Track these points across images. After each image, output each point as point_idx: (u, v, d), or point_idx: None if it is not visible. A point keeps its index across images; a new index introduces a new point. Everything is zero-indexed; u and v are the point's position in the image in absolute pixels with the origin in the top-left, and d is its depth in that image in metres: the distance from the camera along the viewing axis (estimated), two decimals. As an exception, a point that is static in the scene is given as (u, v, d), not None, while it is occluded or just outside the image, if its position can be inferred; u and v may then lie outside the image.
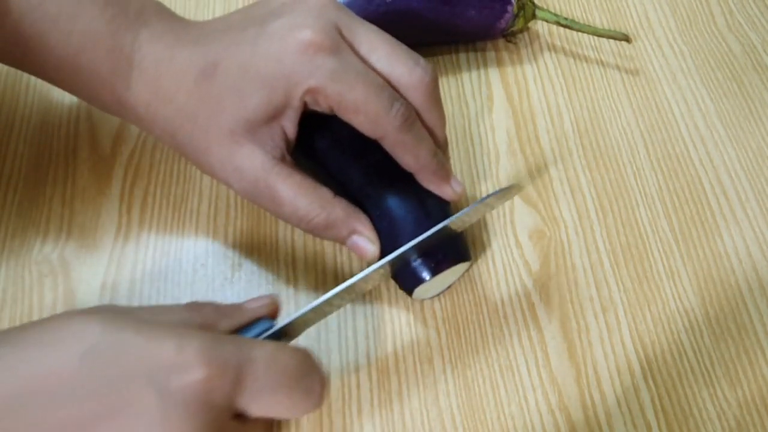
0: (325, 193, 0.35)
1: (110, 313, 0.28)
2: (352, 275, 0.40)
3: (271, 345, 0.29)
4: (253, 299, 0.33)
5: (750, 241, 0.42)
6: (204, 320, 0.30)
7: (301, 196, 0.34)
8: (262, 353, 0.28)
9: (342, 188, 0.37)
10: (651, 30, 0.51)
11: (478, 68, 0.49)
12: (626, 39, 0.47)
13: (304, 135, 0.37)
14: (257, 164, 0.34)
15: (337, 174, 0.38)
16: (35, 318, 0.38)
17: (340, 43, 0.34)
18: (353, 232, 0.36)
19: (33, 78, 0.47)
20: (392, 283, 0.40)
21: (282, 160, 0.35)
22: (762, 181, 0.44)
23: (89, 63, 0.35)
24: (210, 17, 0.47)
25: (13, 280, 0.39)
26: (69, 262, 0.40)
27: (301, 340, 0.38)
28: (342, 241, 0.36)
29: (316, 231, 0.36)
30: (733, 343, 0.39)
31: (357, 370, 0.38)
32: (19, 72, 0.47)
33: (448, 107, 0.47)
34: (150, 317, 0.29)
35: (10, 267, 0.40)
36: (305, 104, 0.34)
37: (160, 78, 0.35)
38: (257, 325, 0.31)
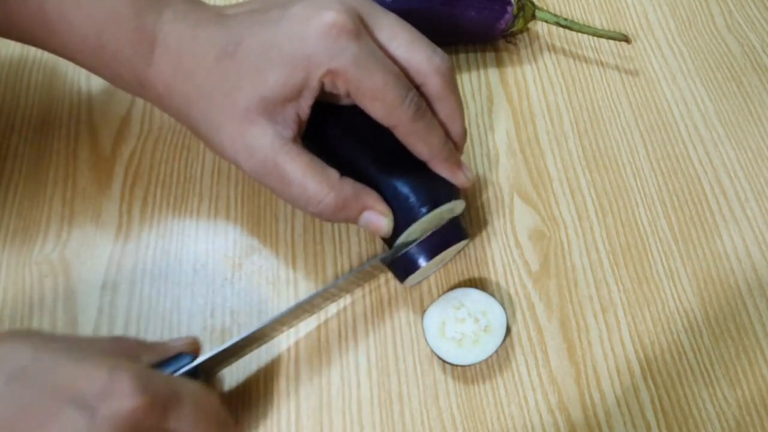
0: (334, 173, 0.35)
1: (39, 337, 0.29)
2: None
3: (195, 385, 0.30)
4: (176, 339, 0.34)
5: (749, 241, 0.42)
6: (128, 352, 0.31)
7: (309, 176, 0.34)
8: (189, 391, 0.30)
9: (352, 174, 0.37)
10: (650, 30, 0.51)
11: (477, 69, 0.49)
12: (626, 39, 0.47)
13: (315, 121, 0.37)
14: (267, 143, 0.34)
15: (348, 160, 0.38)
16: (35, 318, 0.38)
17: (362, 28, 0.34)
18: (364, 208, 0.36)
19: (34, 78, 0.47)
20: (392, 282, 0.40)
21: (293, 141, 0.35)
22: (761, 181, 0.44)
23: (112, 42, 0.35)
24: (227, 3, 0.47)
25: (14, 280, 0.39)
26: (69, 262, 0.40)
27: (301, 341, 0.38)
28: (354, 221, 0.36)
29: (326, 212, 0.35)
30: (732, 344, 0.39)
31: (357, 370, 0.38)
32: (20, 72, 0.47)
33: (448, 107, 0.47)
34: (77, 345, 0.30)
35: (10, 267, 0.40)
36: (322, 86, 0.34)
37: (181, 56, 0.35)
38: (178, 359, 0.32)
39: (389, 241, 0.37)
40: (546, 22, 0.48)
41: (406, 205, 0.36)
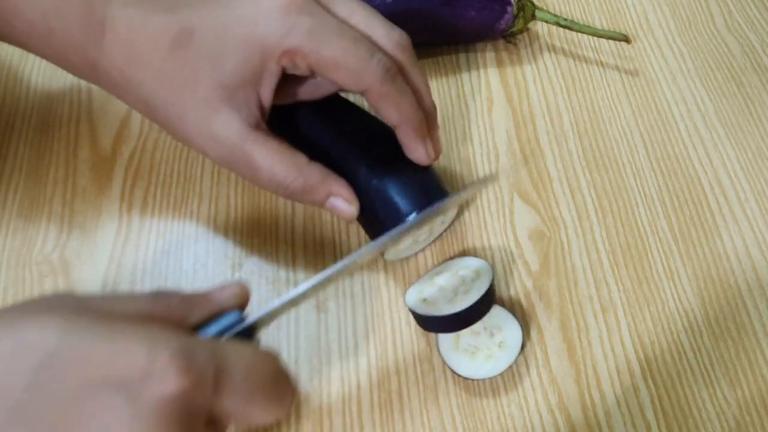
0: (301, 158, 0.35)
1: (68, 310, 0.26)
2: (352, 276, 0.40)
3: (248, 351, 0.27)
4: (221, 287, 0.30)
5: (749, 241, 0.42)
6: (171, 312, 0.28)
7: (277, 162, 0.34)
8: (239, 360, 0.26)
9: (319, 158, 0.37)
10: (650, 31, 0.51)
11: (478, 69, 0.49)
12: (626, 40, 0.47)
13: (284, 115, 0.37)
14: (234, 132, 0.34)
15: (318, 150, 0.38)
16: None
17: (315, 4, 0.34)
18: (330, 194, 0.36)
19: (34, 78, 0.47)
20: (393, 283, 0.40)
21: (257, 127, 0.35)
22: (761, 181, 0.44)
23: (60, 26, 0.35)
24: None
25: (14, 280, 0.39)
26: (69, 262, 0.40)
27: (301, 341, 0.38)
28: (320, 204, 0.36)
29: (294, 196, 0.36)
30: (732, 344, 0.39)
31: (357, 370, 0.38)
32: (20, 72, 0.47)
33: (448, 107, 0.47)
34: (113, 308, 0.27)
35: (10, 267, 0.40)
36: (283, 69, 0.34)
37: (133, 43, 0.34)
38: (226, 316, 0.29)
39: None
40: (546, 22, 0.48)
41: (376, 199, 0.36)
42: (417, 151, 0.37)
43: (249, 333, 0.30)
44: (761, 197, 0.44)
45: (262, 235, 0.42)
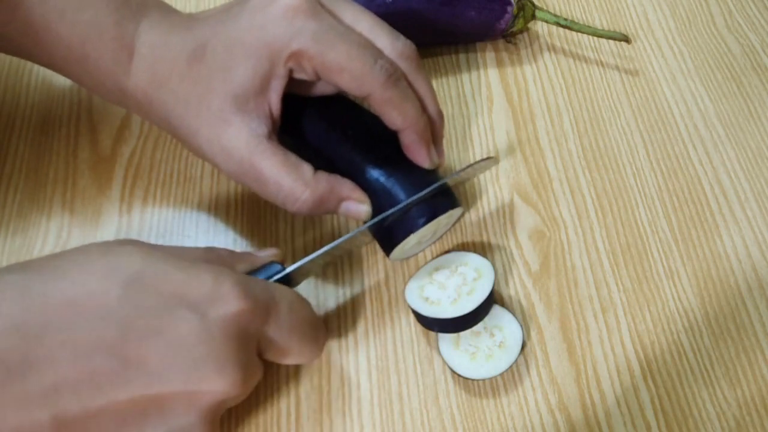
0: (307, 169, 0.35)
1: (146, 246, 0.31)
2: (352, 274, 0.40)
3: (290, 291, 0.32)
4: (261, 251, 0.36)
5: (749, 241, 0.42)
6: (221, 262, 0.32)
7: (284, 174, 0.35)
8: (284, 297, 0.31)
9: (328, 165, 0.37)
10: (650, 31, 0.51)
11: (478, 69, 0.49)
12: (626, 40, 0.47)
13: (290, 115, 0.37)
14: (242, 143, 0.34)
15: (323, 150, 0.38)
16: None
17: (319, 7, 0.34)
18: (342, 199, 0.36)
19: (34, 78, 0.47)
20: (392, 282, 0.40)
21: (268, 138, 0.35)
22: (761, 181, 0.44)
23: (94, 52, 0.36)
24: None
25: (14, 280, 0.39)
26: (69, 262, 0.40)
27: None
28: (335, 212, 0.36)
29: (304, 209, 0.35)
30: (732, 344, 0.39)
31: (357, 370, 0.38)
32: (20, 72, 0.47)
33: (448, 107, 0.47)
34: (177, 252, 0.31)
35: (10, 267, 0.40)
36: (290, 72, 0.35)
37: (155, 63, 0.35)
38: (269, 268, 0.34)
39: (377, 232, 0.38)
40: (546, 22, 0.48)
41: (382, 200, 0.36)
42: (420, 156, 0.37)
43: (287, 283, 0.34)
44: (761, 197, 0.44)
45: (262, 235, 0.42)
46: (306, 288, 0.40)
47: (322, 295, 0.40)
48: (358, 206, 0.36)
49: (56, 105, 0.46)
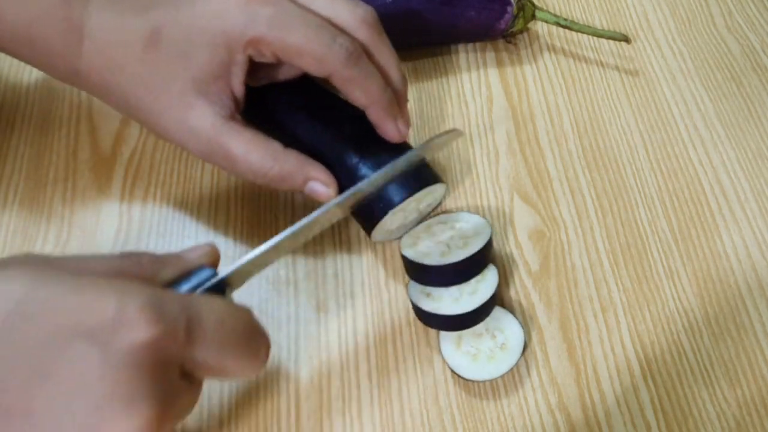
0: (276, 145, 0.36)
1: (35, 266, 0.26)
2: (352, 274, 0.40)
3: (219, 303, 0.27)
4: (192, 248, 0.31)
5: (749, 241, 0.42)
6: (141, 270, 0.28)
7: (253, 151, 0.35)
8: (211, 312, 0.27)
9: (298, 147, 0.37)
10: (650, 31, 0.51)
11: (478, 69, 0.49)
12: (626, 40, 0.47)
13: (255, 99, 0.37)
14: (208, 124, 0.35)
15: (291, 132, 0.39)
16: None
17: None
18: (308, 179, 0.36)
19: (34, 78, 0.47)
20: (392, 282, 0.40)
21: (232, 118, 0.35)
22: (761, 181, 0.44)
23: (42, 33, 0.35)
24: None
25: (14, 280, 0.39)
26: (69, 262, 0.40)
27: (301, 341, 0.38)
28: (299, 189, 0.37)
29: (273, 183, 0.36)
30: (732, 344, 0.39)
31: (357, 370, 0.38)
32: (20, 73, 0.47)
33: (448, 107, 0.47)
34: (81, 266, 0.27)
35: (10, 267, 0.40)
36: (250, 58, 0.35)
37: (109, 46, 0.35)
38: (198, 273, 0.29)
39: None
40: (546, 22, 0.48)
41: (351, 178, 0.36)
42: (388, 130, 0.37)
43: (221, 290, 0.30)
44: (761, 197, 0.44)
45: (262, 235, 0.42)
46: (306, 288, 0.40)
47: (322, 295, 0.40)
48: (323, 188, 0.36)
49: (56, 105, 0.46)
